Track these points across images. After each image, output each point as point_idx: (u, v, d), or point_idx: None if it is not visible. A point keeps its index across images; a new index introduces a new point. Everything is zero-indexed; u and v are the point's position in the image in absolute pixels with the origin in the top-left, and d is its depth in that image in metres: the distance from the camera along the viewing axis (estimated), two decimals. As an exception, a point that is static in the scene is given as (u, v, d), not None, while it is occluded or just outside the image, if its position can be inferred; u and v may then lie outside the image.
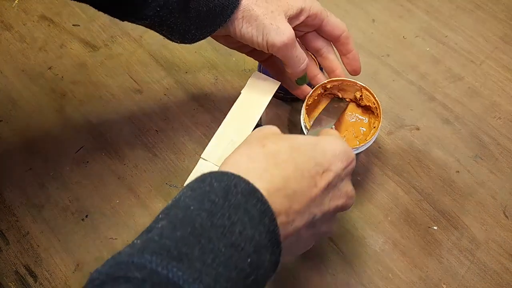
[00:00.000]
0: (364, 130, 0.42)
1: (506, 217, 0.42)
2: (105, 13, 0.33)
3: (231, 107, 0.38)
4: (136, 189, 0.45)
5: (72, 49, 0.54)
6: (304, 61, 0.36)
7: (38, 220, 0.44)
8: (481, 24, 0.54)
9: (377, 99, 0.39)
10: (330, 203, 0.27)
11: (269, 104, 0.39)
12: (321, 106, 0.43)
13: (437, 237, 0.41)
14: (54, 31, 0.56)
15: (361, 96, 0.40)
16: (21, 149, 0.48)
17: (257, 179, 0.23)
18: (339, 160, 0.27)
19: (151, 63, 0.53)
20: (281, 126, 0.48)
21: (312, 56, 0.42)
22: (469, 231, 0.42)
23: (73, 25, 0.56)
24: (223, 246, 0.21)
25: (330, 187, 0.26)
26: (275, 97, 0.49)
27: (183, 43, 0.36)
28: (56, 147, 0.47)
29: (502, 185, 0.44)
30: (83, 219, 0.44)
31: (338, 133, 0.31)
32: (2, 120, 0.50)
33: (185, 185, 0.25)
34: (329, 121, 0.38)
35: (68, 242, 0.42)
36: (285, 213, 0.24)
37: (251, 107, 0.38)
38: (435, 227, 0.42)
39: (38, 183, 0.46)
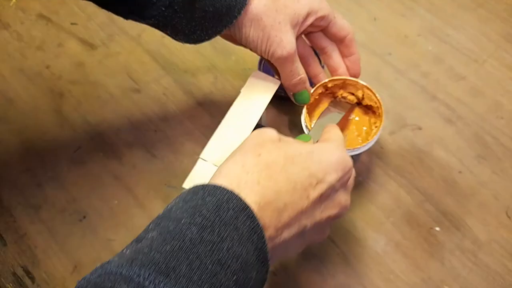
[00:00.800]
0: (366, 129, 0.41)
1: (508, 217, 0.42)
2: (109, 11, 0.33)
3: (231, 106, 0.38)
4: (134, 190, 0.44)
5: (70, 48, 0.54)
6: (297, 77, 0.36)
7: (35, 221, 0.43)
8: (483, 22, 0.53)
9: (379, 98, 0.39)
10: (321, 214, 0.27)
11: (269, 103, 0.38)
12: (322, 105, 0.43)
13: (439, 238, 0.41)
14: (51, 30, 0.55)
15: (363, 95, 0.40)
16: (18, 149, 0.47)
17: (249, 192, 0.24)
18: (334, 170, 0.26)
19: (150, 62, 0.53)
20: (282, 125, 0.48)
21: (315, 55, 0.42)
22: (472, 232, 0.41)
23: (71, 24, 0.56)
24: (210, 263, 0.21)
25: (323, 198, 0.26)
26: (276, 96, 0.49)
27: (188, 43, 0.36)
28: (53, 147, 0.47)
29: (505, 186, 0.43)
30: (80, 220, 0.43)
31: (339, 135, 0.31)
32: (-1, 119, 0.49)
33: (177, 196, 0.25)
34: (336, 115, 0.38)
35: (66, 243, 0.42)
36: (274, 227, 0.24)
37: (250, 107, 0.38)
38: (437, 228, 0.42)
39: (35, 183, 0.45)
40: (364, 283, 0.39)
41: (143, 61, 0.53)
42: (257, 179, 0.24)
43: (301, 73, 0.37)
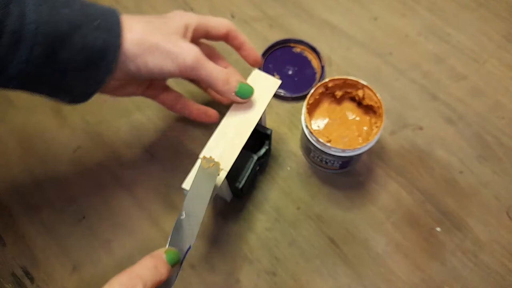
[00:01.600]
0: (366, 129, 0.41)
1: (509, 218, 0.42)
2: None
3: (231, 106, 0.38)
4: (133, 190, 0.44)
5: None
6: (222, 72, 0.34)
7: (34, 221, 0.43)
8: (484, 22, 0.53)
9: (379, 98, 0.38)
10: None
11: (269, 103, 0.38)
12: (322, 105, 0.42)
13: (440, 238, 0.41)
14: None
15: (364, 95, 0.40)
16: (17, 149, 0.47)
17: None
18: None
19: (150, 62, 0.52)
20: (282, 125, 0.47)
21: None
22: (473, 232, 0.41)
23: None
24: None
25: None
26: (276, 96, 0.48)
27: (76, 102, 0.32)
28: (53, 148, 0.47)
29: (505, 186, 0.43)
30: (80, 220, 0.43)
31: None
32: (-2, 119, 0.49)
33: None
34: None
35: (65, 243, 0.42)
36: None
37: (251, 107, 0.37)
38: (438, 229, 0.41)
39: (34, 183, 0.45)
40: (364, 284, 0.39)
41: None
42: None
43: (223, 67, 0.35)
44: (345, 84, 0.40)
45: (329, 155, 0.38)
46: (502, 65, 0.50)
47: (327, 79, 0.40)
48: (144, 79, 0.34)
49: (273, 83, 0.39)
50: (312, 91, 0.39)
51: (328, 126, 0.42)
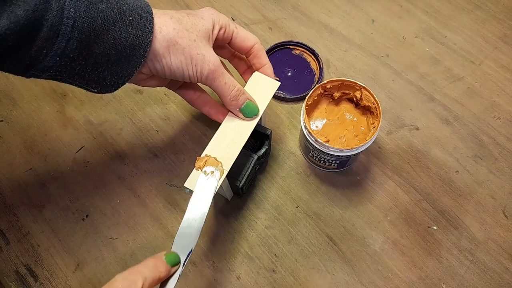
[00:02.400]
0: (363, 130, 0.42)
1: (505, 217, 0.42)
2: (6, 72, 0.29)
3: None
4: (136, 189, 0.45)
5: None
6: (234, 88, 0.36)
7: (38, 219, 0.44)
8: (480, 24, 0.54)
9: (376, 99, 0.39)
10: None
11: (269, 104, 0.39)
12: (321, 106, 0.43)
13: (436, 237, 0.42)
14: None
15: (361, 96, 0.40)
16: (21, 149, 0.48)
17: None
18: None
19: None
20: (281, 126, 0.48)
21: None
22: (469, 231, 0.42)
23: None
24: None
25: None
26: (275, 97, 0.49)
27: (104, 92, 0.33)
28: (56, 147, 0.48)
29: (501, 185, 0.44)
30: (83, 219, 0.44)
31: None
32: (2, 120, 0.50)
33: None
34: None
35: (68, 242, 0.43)
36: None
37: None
38: (435, 227, 0.42)
39: (38, 183, 0.46)
40: (362, 281, 0.40)
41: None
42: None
43: (236, 83, 0.36)
44: (343, 85, 0.41)
45: (327, 154, 0.39)
46: (498, 66, 0.51)
47: (325, 81, 0.40)
48: (165, 77, 0.35)
49: (273, 84, 0.39)
50: (310, 92, 0.40)
51: (326, 126, 0.42)
